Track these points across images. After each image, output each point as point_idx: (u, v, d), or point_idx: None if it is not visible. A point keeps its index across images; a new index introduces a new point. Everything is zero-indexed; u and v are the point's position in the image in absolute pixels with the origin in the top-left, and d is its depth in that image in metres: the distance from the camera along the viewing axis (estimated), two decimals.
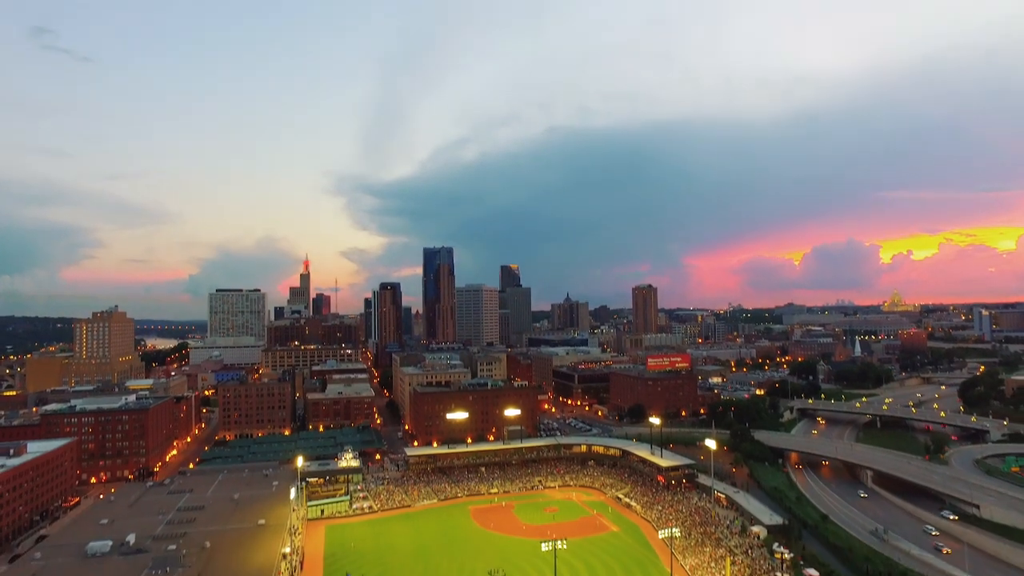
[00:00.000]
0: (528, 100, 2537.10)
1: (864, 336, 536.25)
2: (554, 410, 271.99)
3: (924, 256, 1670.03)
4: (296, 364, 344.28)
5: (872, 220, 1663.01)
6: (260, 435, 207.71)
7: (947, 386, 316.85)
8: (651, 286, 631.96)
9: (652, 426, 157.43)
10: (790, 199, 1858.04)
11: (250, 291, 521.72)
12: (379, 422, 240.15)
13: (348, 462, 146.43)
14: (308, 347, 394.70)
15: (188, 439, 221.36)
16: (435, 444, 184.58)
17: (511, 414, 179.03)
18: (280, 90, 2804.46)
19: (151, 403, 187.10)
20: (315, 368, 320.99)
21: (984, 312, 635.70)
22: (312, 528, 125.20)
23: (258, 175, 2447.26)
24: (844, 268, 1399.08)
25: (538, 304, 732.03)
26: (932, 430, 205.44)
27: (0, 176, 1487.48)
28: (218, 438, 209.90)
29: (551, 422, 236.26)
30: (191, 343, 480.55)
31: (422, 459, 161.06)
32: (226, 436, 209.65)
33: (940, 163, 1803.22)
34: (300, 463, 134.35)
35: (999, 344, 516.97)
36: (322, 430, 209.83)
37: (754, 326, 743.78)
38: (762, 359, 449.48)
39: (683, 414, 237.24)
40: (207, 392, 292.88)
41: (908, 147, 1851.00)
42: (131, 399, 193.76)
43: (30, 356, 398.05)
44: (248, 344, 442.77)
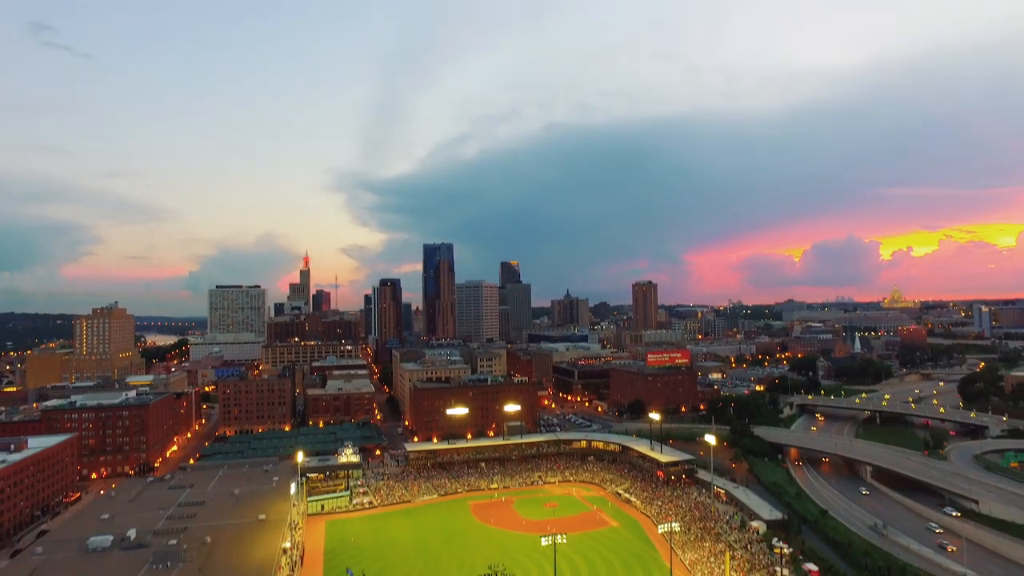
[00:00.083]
0: (528, 97, 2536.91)
1: (864, 332, 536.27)
2: (554, 406, 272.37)
3: (924, 253, 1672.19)
4: (296, 360, 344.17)
5: (872, 217, 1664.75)
6: (260, 431, 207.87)
7: (945, 382, 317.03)
8: (651, 282, 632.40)
9: (652, 422, 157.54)
10: (790, 196, 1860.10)
11: (250, 287, 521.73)
12: (379, 418, 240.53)
13: (348, 458, 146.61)
14: (308, 343, 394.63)
15: (188, 435, 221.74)
16: (435, 440, 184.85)
17: (511, 410, 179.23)
18: (280, 87, 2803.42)
19: (151, 399, 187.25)
20: (315, 364, 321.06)
21: (984, 308, 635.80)
22: (312, 523, 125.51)
23: (258, 172, 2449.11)
24: (844, 265, 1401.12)
25: (538, 301, 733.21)
26: (931, 425, 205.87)
27: (0, 173, 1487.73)
28: (218, 434, 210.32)
29: (551, 418, 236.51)
30: (191, 339, 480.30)
31: (422, 455, 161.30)
32: (226, 432, 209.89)
33: (940, 160, 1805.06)
34: (300, 458, 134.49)
35: (999, 340, 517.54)
36: (322, 426, 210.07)
37: (754, 323, 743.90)
38: (762, 355, 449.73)
39: (683, 410, 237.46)
40: (207, 388, 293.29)
41: (908, 144, 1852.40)
42: (131, 395, 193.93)
43: (30, 352, 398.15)
44: (248, 340, 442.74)
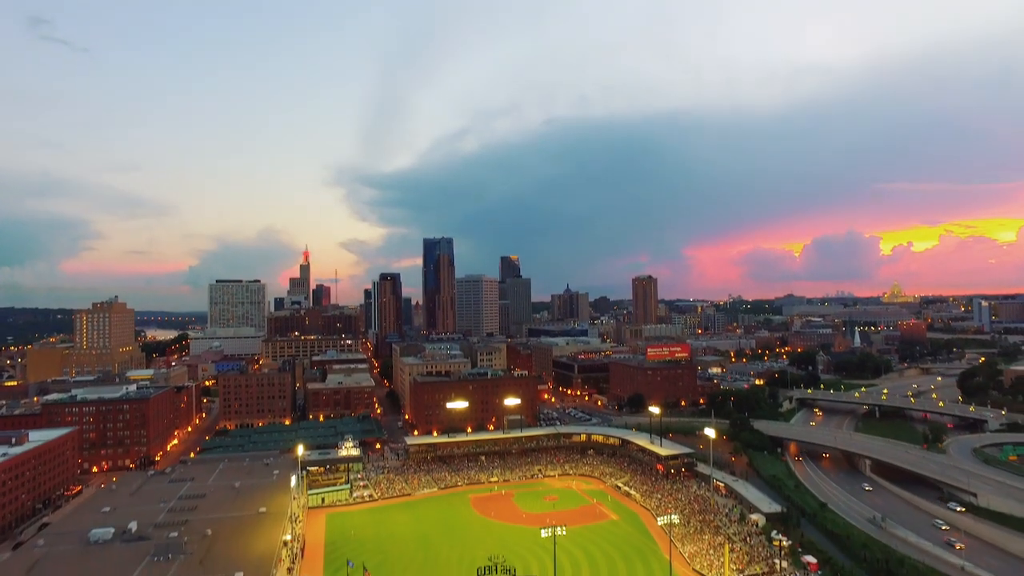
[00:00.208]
0: (528, 92, 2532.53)
1: (864, 327, 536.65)
2: (554, 400, 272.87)
3: (924, 248, 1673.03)
4: (296, 354, 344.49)
5: (872, 212, 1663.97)
6: (261, 425, 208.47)
7: (943, 376, 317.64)
8: (651, 277, 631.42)
9: (651, 415, 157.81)
10: (790, 190, 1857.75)
11: (250, 282, 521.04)
12: (379, 412, 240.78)
13: (348, 451, 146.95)
14: (308, 338, 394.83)
15: (189, 429, 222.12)
16: (435, 433, 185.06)
17: (511, 403, 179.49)
18: (280, 82, 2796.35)
19: (152, 393, 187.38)
20: (315, 358, 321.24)
21: (984, 303, 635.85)
22: (313, 516, 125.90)
23: (258, 167, 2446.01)
24: (844, 260, 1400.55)
25: (538, 295, 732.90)
26: (929, 419, 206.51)
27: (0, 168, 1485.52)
28: (219, 428, 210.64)
29: (551, 412, 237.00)
30: (191, 334, 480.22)
31: (422, 448, 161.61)
32: (227, 426, 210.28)
33: (941, 155, 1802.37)
34: (301, 452, 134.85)
35: (998, 335, 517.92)
36: (322, 420, 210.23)
37: (754, 317, 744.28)
38: (762, 350, 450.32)
39: (683, 404, 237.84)
40: (207, 382, 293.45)
41: (909, 139, 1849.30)
42: (132, 389, 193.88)
43: (31, 347, 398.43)
44: (248, 335, 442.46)
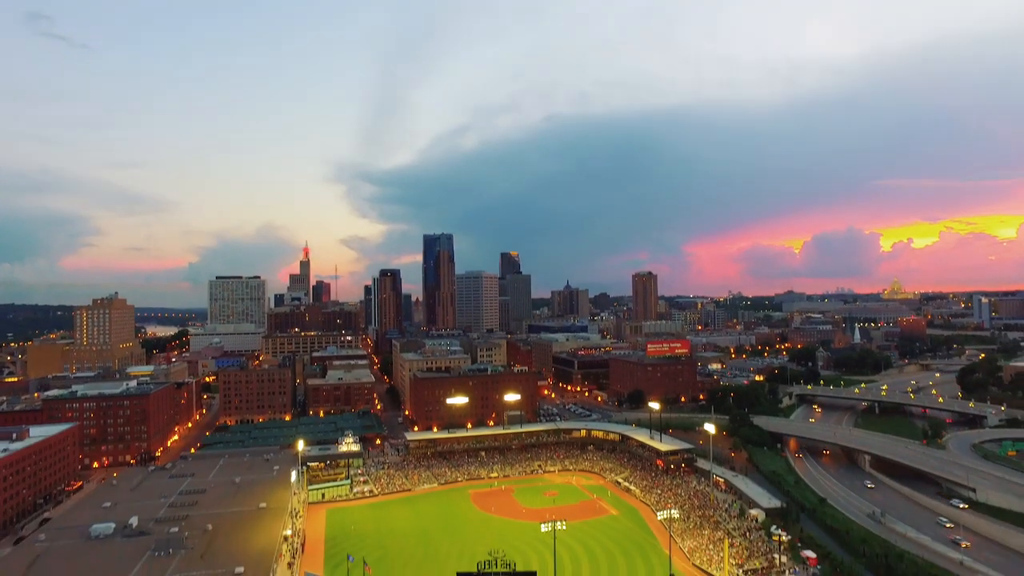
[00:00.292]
0: (528, 88, 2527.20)
1: (863, 323, 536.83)
2: (554, 396, 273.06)
3: (924, 244, 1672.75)
4: (296, 351, 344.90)
5: (873, 208, 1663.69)
6: (261, 420, 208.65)
7: (943, 373, 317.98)
8: (651, 273, 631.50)
9: (651, 411, 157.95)
10: (790, 187, 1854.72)
11: (250, 278, 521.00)
12: (379, 408, 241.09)
13: (349, 447, 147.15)
14: (308, 334, 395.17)
15: (189, 425, 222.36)
16: (435, 429, 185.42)
17: (511, 399, 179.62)
18: (280, 78, 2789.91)
19: (152, 389, 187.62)
20: (315, 354, 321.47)
21: (983, 300, 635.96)
22: (313, 511, 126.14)
23: (258, 164, 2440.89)
24: (844, 256, 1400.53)
25: (538, 291, 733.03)
26: (928, 414, 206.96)
27: None
28: (219, 423, 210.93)
29: (551, 408, 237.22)
30: (191, 330, 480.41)
31: (422, 444, 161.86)
32: (227, 421, 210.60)
33: (941, 151, 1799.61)
34: (301, 447, 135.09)
35: (998, 331, 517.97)
36: (323, 416, 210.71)
37: (754, 314, 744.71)
38: (761, 346, 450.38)
39: (682, 400, 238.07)
40: (208, 378, 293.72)
41: (909, 136, 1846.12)
42: (132, 385, 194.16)
43: (31, 343, 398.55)
44: (248, 331, 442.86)
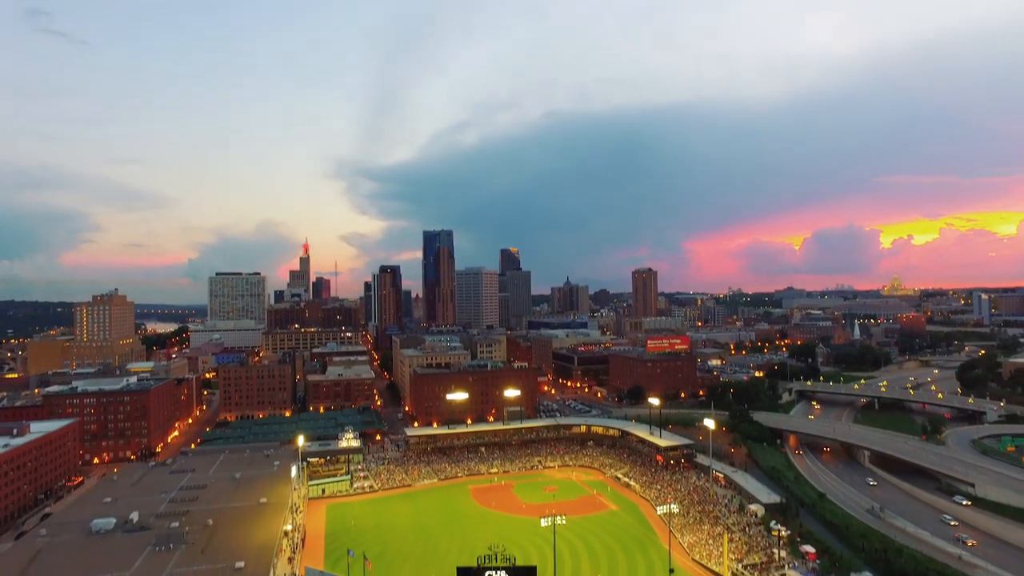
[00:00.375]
0: (528, 85, 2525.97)
1: (863, 320, 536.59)
2: (553, 392, 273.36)
3: (925, 241, 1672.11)
4: (296, 347, 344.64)
5: (873, 205, 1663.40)
6: (261, 416, 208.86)
7: (943, 369, 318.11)
8: (651, 270, 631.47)
9: (651, 407, 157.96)
10: (790, 183, 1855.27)
11: (250, 274, 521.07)
12: (379, 404, 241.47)
13: (349, 442, 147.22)
14: (308, 330, 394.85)
15: (189, 421, 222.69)
16: (435, 425, 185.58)
17: (511, 395, 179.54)
18: (279, 75, 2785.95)
19: (152, 385, 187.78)
20: (315, 351, 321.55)
21: (983, 296, 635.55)
22: (313, 507, 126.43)
23: (257, 159, 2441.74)
24: (844, 253, 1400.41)
25: (538, 288, 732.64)
26: (927, 409, 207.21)
27: None
28: (219, 419, 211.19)
29: (551, 404, 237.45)
30: (191, 327, 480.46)
31: (422, 439, 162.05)
32: (227, 417, 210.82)
33: (941, 148, 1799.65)
34: (301, 443, 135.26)
35: (998, 328, 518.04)
36: (323, 411, 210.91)
37: (753, 310, 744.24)
38: (761, 342, 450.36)
39: (682, 396, 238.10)
40: (208, 375, 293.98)
41: (909, 132, 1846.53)
42: (132, 381, 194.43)
43: (31, 340, 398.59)
44: (248, 327, 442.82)
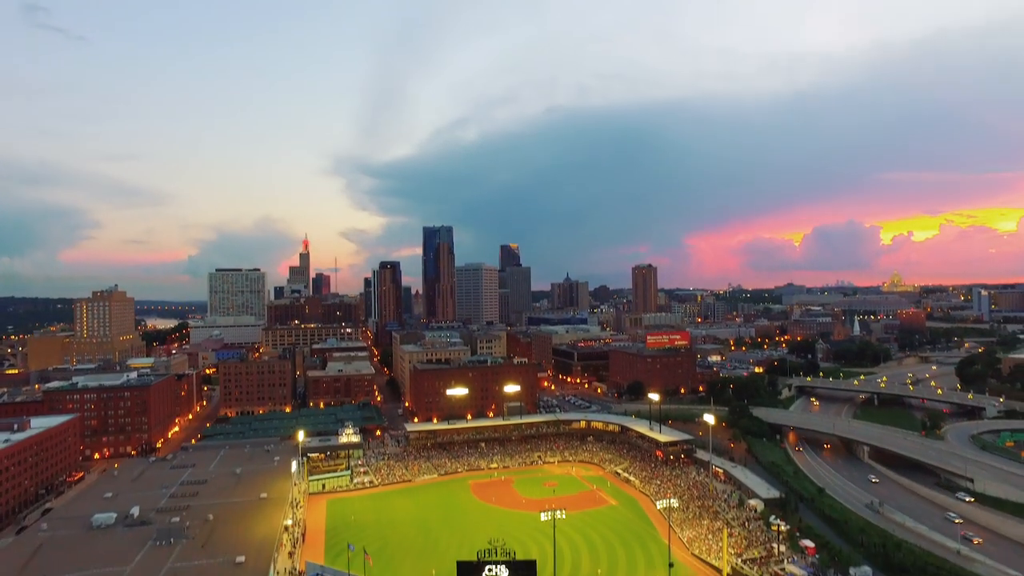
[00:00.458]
0: (527, 80, 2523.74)
1: (863, 316, 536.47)
2: (553, 388, 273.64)
3: (925, 237, 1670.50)
4: (296, 343, 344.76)
5: (873, 201, 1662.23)
6: (261, 412, 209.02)
7: (941, 365, 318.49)
8: (651, 266, 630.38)
9: (651, 403, 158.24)
10: (791, 180, 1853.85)
11: (250, 270, 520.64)
12: (379, 399, 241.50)
13: (349, 438, 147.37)
14: (308, 326, 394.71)
15: (189, 416, 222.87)
16: (435, 420, 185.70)
17: (511, 391, 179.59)
18: (279, 71, 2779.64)
19: (153, 380, 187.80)
20: (315, 346, 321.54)
21: (983, 292, 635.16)
22: (314, 502, 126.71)
23: (257, 156, 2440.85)
24: (844, 249, 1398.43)
25: (538, 284, 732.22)
26: (927, 404, 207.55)
27: None
28: (220, 415, 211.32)
29: (550, 399, 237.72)
30: (191, 323, 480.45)
31: (422, 435, 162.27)
32: (227, 413, 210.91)
33: (941, 144, 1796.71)
34: (301, 438, 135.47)
35: (997, 324, 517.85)
36: (323, 407, 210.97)
37: (753, 306, 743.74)
38: (761, 338, 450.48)
39: (682, 391, 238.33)
40: (208, 371, 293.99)
41: (910, 129, 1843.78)
42: (133, 376, 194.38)
43: (31, 336, 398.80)
44: (248, 323, 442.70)
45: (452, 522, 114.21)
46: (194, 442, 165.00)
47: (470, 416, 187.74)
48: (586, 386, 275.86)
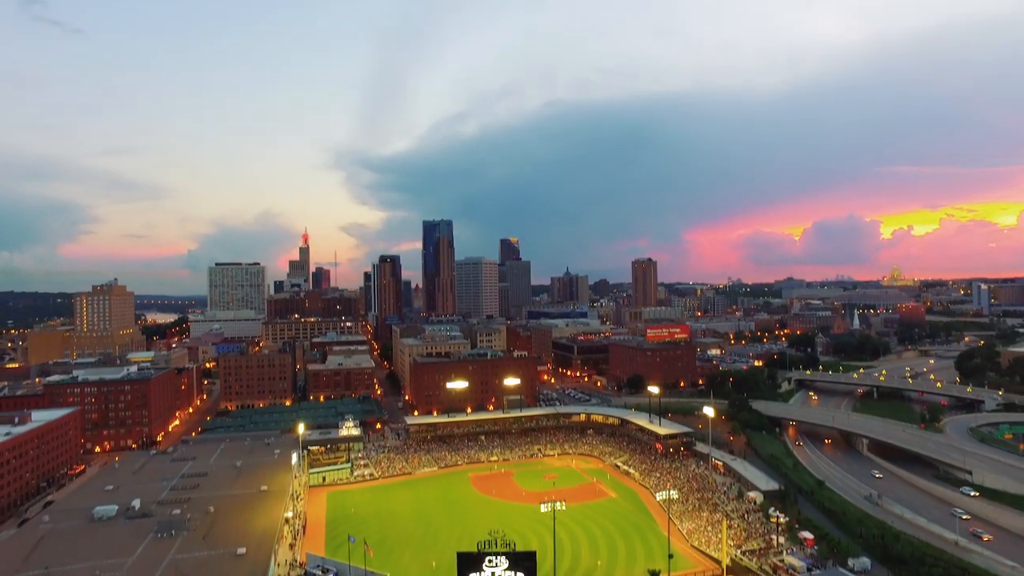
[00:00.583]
0: (527, 74, 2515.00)
1: (863, 310, 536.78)
2: (553, 381, 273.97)
3: (925, 231, 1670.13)
4: (296, 337, 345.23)
5: (873, 195, 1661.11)
6: (261, 405, 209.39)
7: (940, 358, 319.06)
8: (651, 260, 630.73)
9: (651, 396, 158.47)
10: (791, 174, 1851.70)
11: (250, 264, 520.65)
12: (379, 393, 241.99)
13: (349, 431, 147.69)
14: (308, 320, 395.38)
15: (190, 410, 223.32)
16: (435, 413, 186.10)
17: (511, 384, 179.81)
18: (278, 64, 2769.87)
19: (153, 374, 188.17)
20: (315, 340, 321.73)
21: (983, 287, 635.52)
22: (314, 494, 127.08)
23: (256, 150, 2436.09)
24: (844, 243, 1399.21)
25: (538, 278, 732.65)
26: (926, 397, 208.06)
27: None
28: (220, 409, 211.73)
29: (550, 392, 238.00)
30: (191, 317, 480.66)
31: (422, 428, 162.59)
32: (228, 407, 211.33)
33: (942, 139, 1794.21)
34: (301, 431, 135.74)
35: (996, 318, 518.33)
36: (323, 400, 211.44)
37: (753, 300, 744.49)
38: (761, 332, 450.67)
39: (682, 385, 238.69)
40: (208, 364, 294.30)
41: (910, 123, 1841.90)
42: (133, 370, 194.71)
43: (31, 330, 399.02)
44: (248, 317, 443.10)
45: (452, 514, 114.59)
46: (195, 435, 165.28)
47: (470, 409, 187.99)
48: (586, 379, 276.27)
